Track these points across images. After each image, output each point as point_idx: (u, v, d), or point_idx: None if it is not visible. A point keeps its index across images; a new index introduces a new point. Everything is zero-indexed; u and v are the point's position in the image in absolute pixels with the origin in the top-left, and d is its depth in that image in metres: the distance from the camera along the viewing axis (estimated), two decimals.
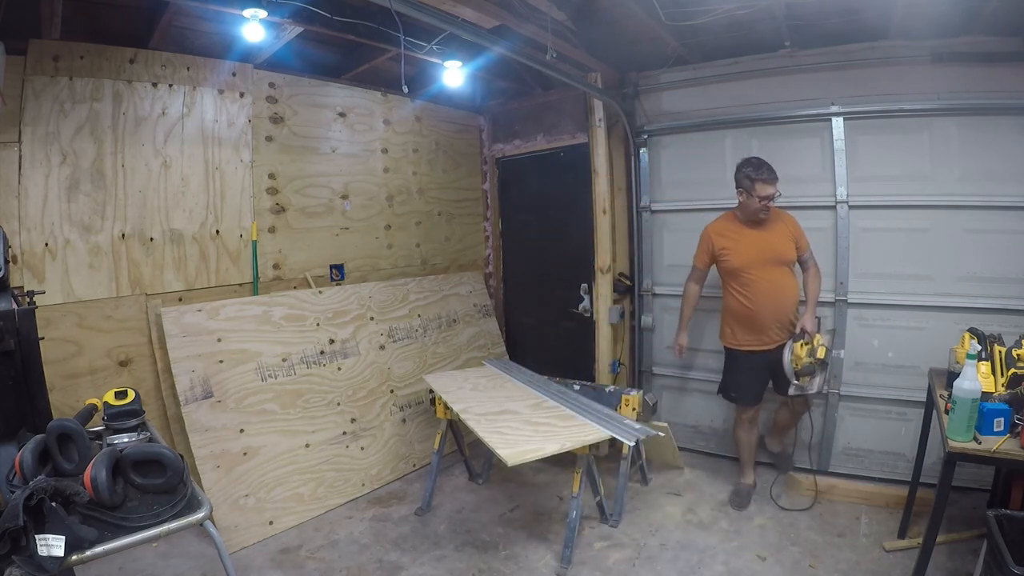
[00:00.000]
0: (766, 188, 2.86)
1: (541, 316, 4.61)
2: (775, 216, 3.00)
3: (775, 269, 2.97)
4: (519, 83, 4.26)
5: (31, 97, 2.52)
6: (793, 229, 3.02)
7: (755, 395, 3.09)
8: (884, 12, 2.83)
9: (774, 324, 2.98)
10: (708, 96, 3.65)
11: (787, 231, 3.00)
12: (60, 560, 1.28)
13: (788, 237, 2.99)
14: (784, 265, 2.99)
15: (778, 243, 2.98)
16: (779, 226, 3.00)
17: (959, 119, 2.97)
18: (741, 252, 3.00)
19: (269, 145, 3.35)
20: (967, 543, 2.51)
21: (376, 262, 3.99)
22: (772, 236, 2.98)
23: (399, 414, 3.67)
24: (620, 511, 2.97)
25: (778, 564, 2.56)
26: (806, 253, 3.05)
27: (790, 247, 2.98)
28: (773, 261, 2.97)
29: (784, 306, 2.98)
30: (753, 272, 2.97)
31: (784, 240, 2.99)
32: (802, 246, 3.03)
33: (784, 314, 2.98)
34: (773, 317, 2.97)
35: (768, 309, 2.96)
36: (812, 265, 3.07)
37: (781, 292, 2.97)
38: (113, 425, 1.99)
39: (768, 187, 2.87)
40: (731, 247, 3.03)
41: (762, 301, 2.96)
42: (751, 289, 2.97)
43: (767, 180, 2.86)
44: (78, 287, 2.68)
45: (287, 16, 2.57)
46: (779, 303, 2.97)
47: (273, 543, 2.81)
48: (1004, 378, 2.09)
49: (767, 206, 2.90)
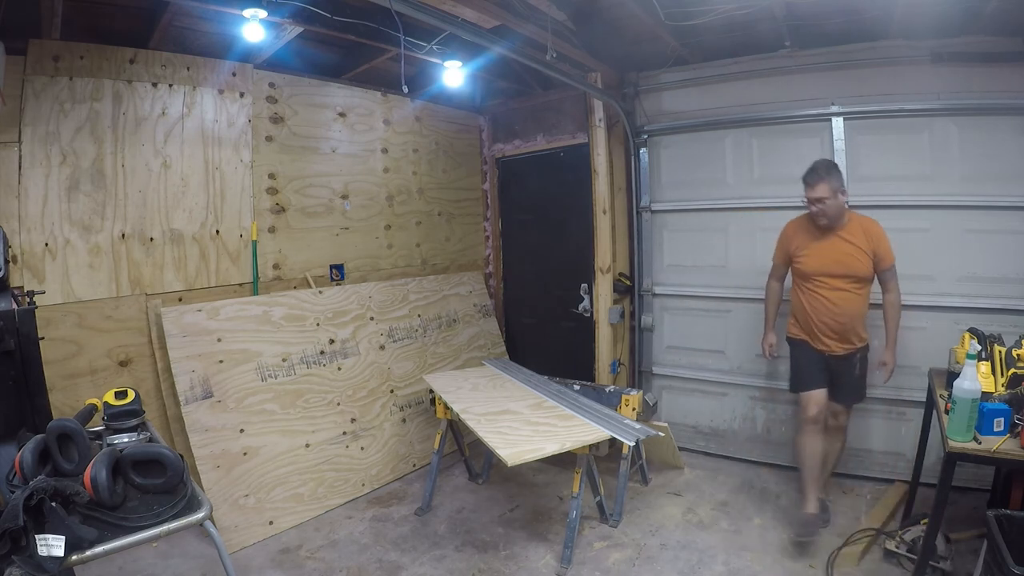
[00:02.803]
0: (809, 191, 2.70)
1: (541, 316, 4.61)
2: (856, 224, 2.75)
3: (841, 283, 2.75)
4: (519, 83, 4.26)
5: (31, 97, 2.52)
6: (874, 242, 2.71)
7: (814, 379, 2.82)
8: (884, 12, 2.84)
9: (828, 334, 2.80)
10: (708, 96, 3.65)
11: (864, 243, 2.72)
12: (60, 560, 1.28)
13: (863, 250, 2.71)
14: (850, 279, 2.74)
15: (848, 255, 2.73)
16: (855, 236, 2.73)
17: (959, 119, 2.97)
18: (812, 258, 2.82)
19: (269, 145, 3.35)
20: (967, 543, 2.50)
21: (376, 262, 3.99)
22: (843, 246, 2.74)
23: (399, 414, 3.67)
24: (620, 511, 2.97)
25: (778, 564, 2.56)
26: (888, 270, 2.75)
27: (863, 261, 2.71)
28: (837, 274, 2.74)
29: (839, 321, 2.76)
30: (816, 280, 2.80)
31: (856, 253, 2.72)
32: (882, 262, 2.73)
33: (838, 328, 2.78)
34: (826, 327, 2.79)
35: (821, 320, 2.80)
36: (892, 287, 2.78)
37: (839, 307, 2.75)
38: (113, 425, 1.99)
39: (810, 190, 2.70)
40: (805, 251, 2.84)
41: (818, 311, 2.81)
42: (810, 296, 2.83)
43: (808, 183, 2.71)
44: (78, 287, 2.68)
45: (287, 16, 2.57)
46: (834, 318, 2.77)
47: (273, 543, 2.81)
48: (1004, 378, 2.10)
49: (821, 211, 2.69)
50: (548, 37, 2.84)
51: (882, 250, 2.72)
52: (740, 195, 3.55)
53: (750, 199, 3.53)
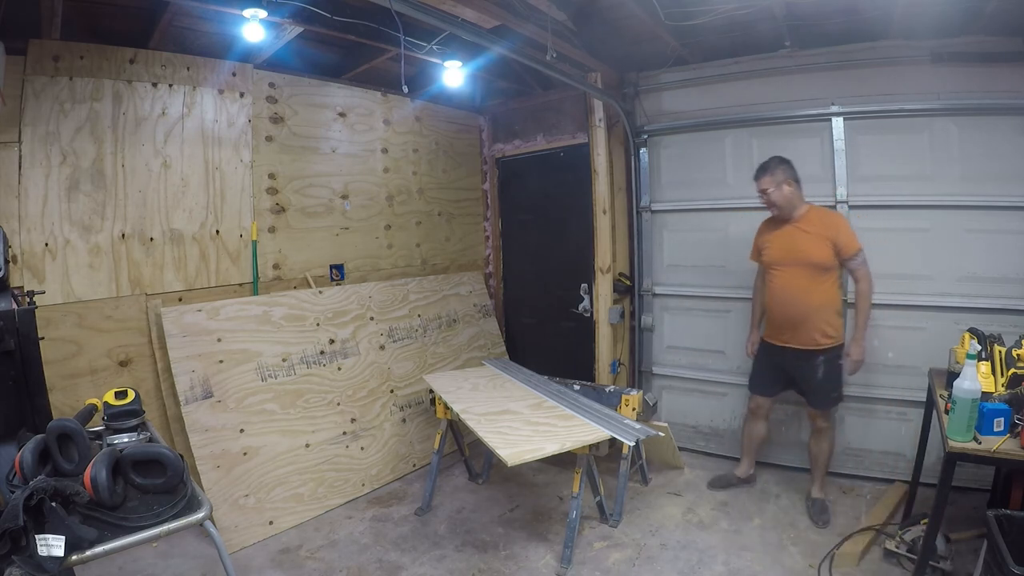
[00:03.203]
0: (755, 185, 2.94)
1: (541, 316, 4.61)
2: (814, 215, 2.89)
3: (796, 271, 2.86)
4: (519, 83, 4.26)
5: (31, 97, 2.52)
6: (832, 231, 2.82)
7: (761, 385, 3.10)
8: (884, 12, 2.83)
9: (787, 326, 2.91)
10: (708, 96, 3.65)
11: (821, 231, 2.83)
12: (60, 560, 1.28)
13: (822, 239, 2.81)
14: (809, 267, 2.83)
15: (807, 244, 2.84)
16: (812, 226, 2.86)
17: (959, 119, 2.97)
18: (772, 248, 2.99)
19: (269, 145, 3.35)
20: (967, 543, 2.50)
21: (376, 262, 3.99)
22: (798, 235, 2.87)
23: (399, 414, 3.67)
24: (620, 511, 2.97)
25: (778, 564, 2.56)
26: (853, 259, 2.80)
27: (819, 249, 2.81)
28: (796, 262, 2.86)
29: (802, 311, 2.84)
30: (776, 269, 2.96)
31: (812, 241, 2.83)
32: (844, 250, 2.79)
33: (794, 318, 2.87)
34: (785, 318, 2.91)
35: (779, 310, 2.93)
36: (861, 276, 2.82)
37: (798, 295, 2.85)
38: (113, 425, 1.99)
39: (756, 184, 2.94)
40: (767, 242, 3.02)
41: (777, 299, 2.95)
42: (771, 286, 2.98)
43: (754, 178, 2.95)
44: (78, 287, 2.67)
45: (287, 16, 2.57)
46: (791, 306, 2.87)
47: (273, 543, 2.81)
48: (1004, 378, 2.10)
49: (766, 202, 2.92)
50: (548, 37, 2.84)
51: (843, 238, 2.79)
52: (740, 195, 3.55)
53: (750, 199, 3.50)
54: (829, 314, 2.84)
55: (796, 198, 2.90)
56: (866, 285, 2.82)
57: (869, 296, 2.83)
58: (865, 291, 2.83)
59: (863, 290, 2.83)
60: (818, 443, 3.02)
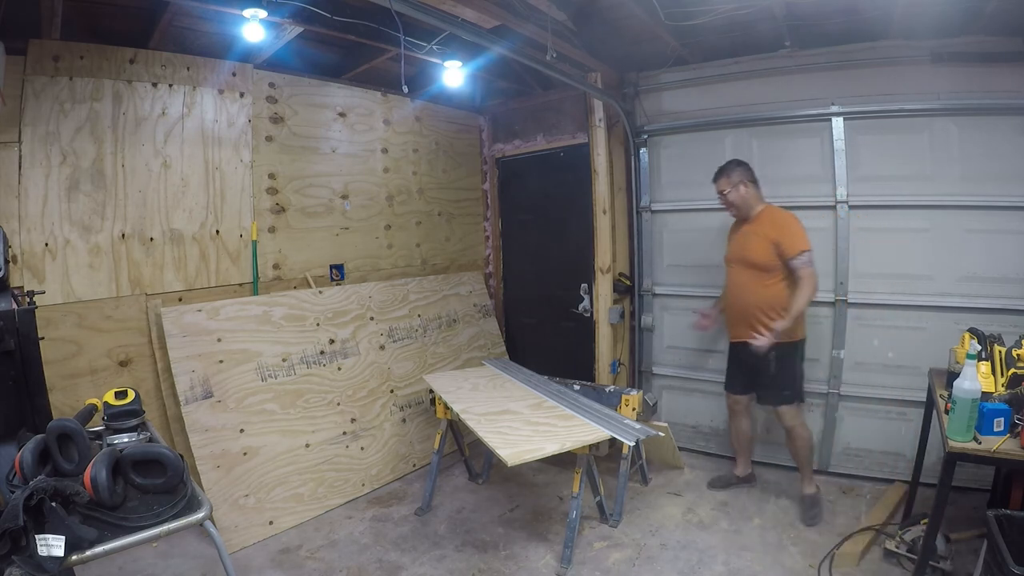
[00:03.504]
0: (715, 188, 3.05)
1: (541, 316, 4.61)
2: (766, 215, 2.95)
3: (742, 269, 2.98)
4: (519, 83, 4.26)
5: (31, 97, 2.52)
6: (776, 232, 2.84)
7: (733, 383, 3.19)
8: (884, 12, 2.83)
9: (738, 321, 3.02)
10: (708, 96, 3.65)
11: (768, 232, 2.86)
12: (60, 560, 1.28)
13: (764, 239, 2.86)
14: (750, 267, 2.92)
15: (752, 243, 2.93)
16: (762, 226, 2.91)
17: (959, 119, 2.97)
18: (729, 246, 3.14)
19: (269, 145, 3.35)
20: (967, 543, 2.50)
21: (376, 262, 3.99)
22: (749, 235, 2.96)
23: (399, 414, 3.67)
24: (620, 511, 2.97)
25: (778, 564, 2.56)
26: (795, 259, 2.78)
27: (762, 250, 2.86)
28: (742, 260, 2.98)
29: (745, 308, 2.95)
30: (729, 267, 3.10)
31: (757, 242, 2.89)
32: (786, 250, 2.79)
33: (743, 314, 2.97)
34: (735, 313, 3.05)
35: (730, 305, 3.09)
36: (803, 275, 2.78)
37: (742, 293, 2.98)
38: (113, 425, 1.99)
39: (715, 187, 3.04)
40: (729, 240, 3.16)
41: (728, 295, 3.12)
42: (726, 283, 3.16)
43: (713, 181, 3.06)
44: (78, 287, 2.67)
45: (287, 16, 2.57)
46: (738, 303, 3.01)
47: (273, 543, 2.81)
48: (1004, 378, 2.09)
49: (724, 203, 3.03)
50: (548, 37, 2.84)
51: (785, 240, 2.80)
52: None
53: None
54: (775, 312, 2.83)
55: (753, 198, 2.98)
56: (807, 286, 2.76)
57: (806, 298, 2.76)
58: (804, 290, 2.76)
59: (802, 289, 2.77)
60: (791, 442, 3.02)
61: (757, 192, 3.00)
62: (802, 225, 2.86)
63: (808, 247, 2.79)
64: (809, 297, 2.79)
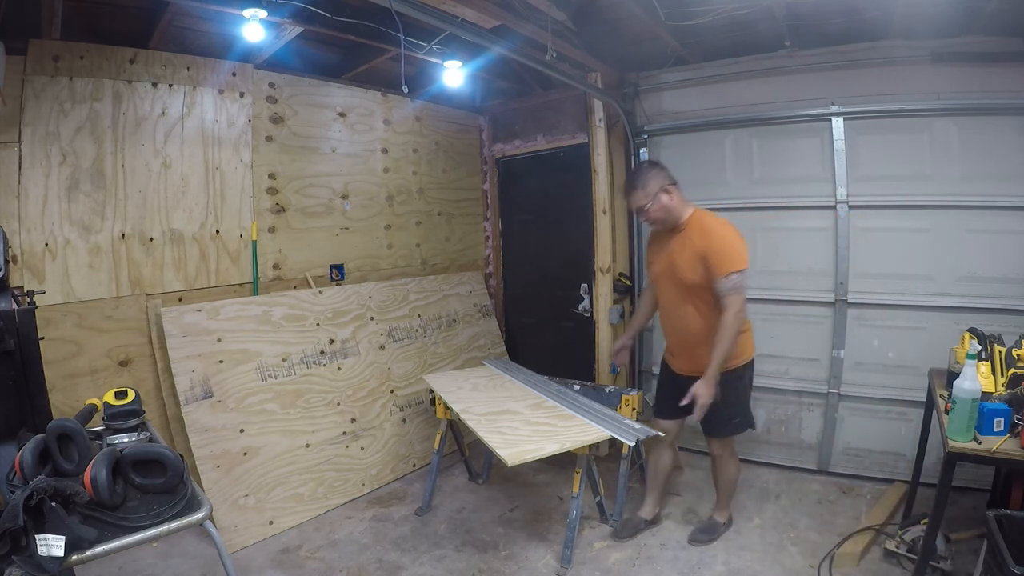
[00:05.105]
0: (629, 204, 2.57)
1: (541, 316, 4.61)
2: (695, 223, 2.47)
3: (675, 289, 2.53)
4: (519, 83, 4.26)
5: (31, 97, 2.51)
6: (703, 245, 2.36)
7: (664, 408, 2.71)
8: (884, 12, 2.83)
9: (678, 351, 2.64)
10: (708, 96, 3.65)
11: (696, 245, 2.39)
12: (60, 560, 1.28)
13: (695, 254, 2.39)
14: (680, 286, 2.48)
15: (680, 259, 2.46)
16: (689, 237, 2.45)
17: (959, 119, 2.97)
18: (656, 262, 2.64)
19: (269, 145, 3.35)
20: (967, 543, 2.50)
21: (376, 262, 3.99)
22: (676, 248, 2.49)
23: (399, 414, 3.67)
24: (620, 511, 2.97)
25: (778, 564, 2.56)
26: (722, 281, 2.30)
27: (692, 267, 2.40)
28: (672, 279, 2.52)
29: (685, 339, 2.54)
30: (658, 286, 2.65)
31: (687, 257, 2.42)
32: (714, 271, 2.32)
33: (683, 342, 2.58)
34: (673, 342, 2.67)
35: (667, 332, 2.69)
36: (729, 304, 2.30)
37: (682, 319, 2.52)
38: (113, 425, 1.99)
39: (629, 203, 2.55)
40: (653, 254, 2.68)
41: (663, 321, 2.68)
42: (659, 304, 2.70)
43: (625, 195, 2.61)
44: (78, 287, 2.67)
45: (287, 16, 2.57)
46: (679, 332, 2.58)
47: (273, 543, 2.81)
48: (1004, 378, 2.09)
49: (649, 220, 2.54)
50: (548, 37, 2.84)
51: (713, 255, 2.32)
52: (740, 195, 3.55)
53: (750, 199, 3.53)
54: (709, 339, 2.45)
55: (678, 203, 2.48)
56: (731, 317, 2.29)
57: (733, 330, 2.30)
58: (729, 323, 2.29)
59: (726, 321, 2.30)
60: (717, 469, 2.76)
61: (680, 194, 2.52)
62: (738, 236, 2.40)
63: (741, 266, 2.32)
64: (735, 333, 2.32)
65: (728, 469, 2.75)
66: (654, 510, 2.92)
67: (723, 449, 2.69)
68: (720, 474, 2.79)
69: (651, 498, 2.90)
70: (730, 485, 2.82)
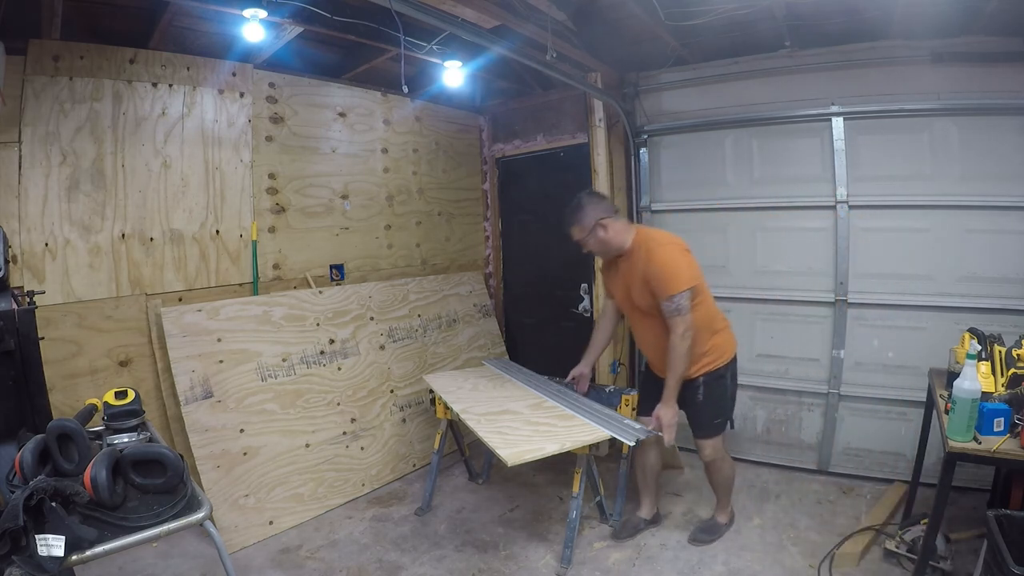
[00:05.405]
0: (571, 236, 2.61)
1: (541, 316, 4.60)
2: (641, 244, 2.49)
3: (636, 313, 2.58)
4: (519, 83, 4.26)
5: (31, 97, 2.51)
6: (643, 269, 2.42)
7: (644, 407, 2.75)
8: (884, 12, 2.83)
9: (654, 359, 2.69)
10: (708, 96, 3.65)
11: (640, 272, 2.45)
12: (60, 560, 1.28)
13: (640, 278, 2.45)
14: (643, 310, 2.52)
15: (631, 285, 2.51)
16: (635, 260, 2.49)
17: (959, 119, 2.97)
18: (614, 288, 2.72)
19: (269, 145, 3.35)
20: (967, 543, 2.50)
21: (376, 262, 3.99)
22: (626, 272, 2.56)
23: (399, 414, 3.67)
24: (620, 511, 2.97)
25: (778, 564, 2.56)
26: (666, 303, 2.35)
27: (642, 293, 2.46)
28: (630, 304, 2.59)
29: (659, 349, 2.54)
30: (623, 308, 2.70)
31: (636, 283, 2.48)
32: (657, 295, 2.38)
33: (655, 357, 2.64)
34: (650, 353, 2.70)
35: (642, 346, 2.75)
36: (674, 325, 2.34)
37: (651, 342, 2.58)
38: (113, 425, 1.99)
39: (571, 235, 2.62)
40: (609, 280, 2.75)
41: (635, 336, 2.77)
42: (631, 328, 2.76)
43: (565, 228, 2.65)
44: (78, 287, 2.67)
45: (287, 16, 2.57)
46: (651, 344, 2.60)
47: (273, 543, 2.81)
48: (1004, 378, 2.09)
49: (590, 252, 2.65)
50: (548, 37, 2.84)
51: (653, 280, 2.37)
52: (740, 195, 3.55)
53: (750, 199, 3.53)
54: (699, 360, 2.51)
55: (617, 234, 2.52)
56: (677, 339, 2.34)
57: (680, 352, 2.36)
58: (677, 346, 2.35)
59: (673, 344, 2.36)
60: (712, 475, 2.77)
61: (618, 221, 2.55)
62: (680, 254, 2.43)
63: (682, 287, 2.33)
64: (684, 354, 2.36)
65: (722, 470, 2.75)
66: (651, 509, 2.93)
67: (714, 453, 2.67)
68: (714, 477, 2.79)
69: (646, 498, 2.92)
70: (727, 485, 2.82)
